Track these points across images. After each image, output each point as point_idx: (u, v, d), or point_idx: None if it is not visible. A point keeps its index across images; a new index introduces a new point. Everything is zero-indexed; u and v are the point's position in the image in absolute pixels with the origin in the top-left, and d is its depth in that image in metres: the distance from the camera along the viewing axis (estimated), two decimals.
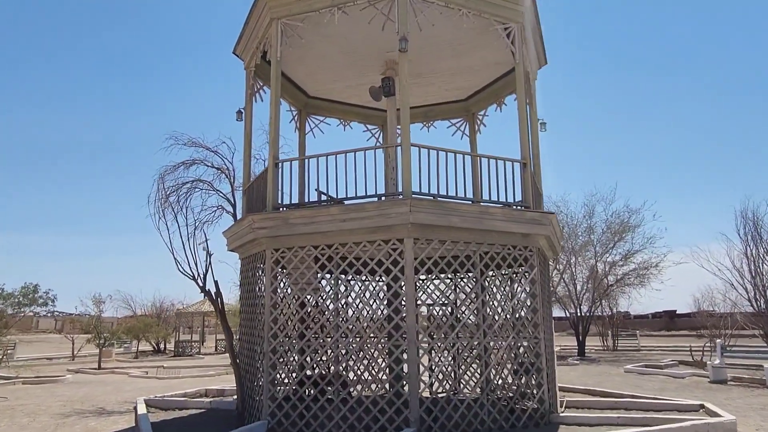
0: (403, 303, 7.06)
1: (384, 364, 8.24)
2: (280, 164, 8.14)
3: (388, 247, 7.24)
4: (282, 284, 7.80)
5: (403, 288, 7.07)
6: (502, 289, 8.27)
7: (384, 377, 8.40)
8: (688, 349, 20.52)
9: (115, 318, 37.27)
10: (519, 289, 8.14)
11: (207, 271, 8.38)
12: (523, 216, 7.79)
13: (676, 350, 24.99)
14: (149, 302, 35.12)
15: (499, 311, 7.95)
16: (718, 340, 15.08)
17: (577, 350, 22.38)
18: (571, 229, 22.08)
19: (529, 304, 7.92)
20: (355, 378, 9.14)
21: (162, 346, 30.14)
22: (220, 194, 9.85)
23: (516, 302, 8.00)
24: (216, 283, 8.48)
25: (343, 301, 7.51)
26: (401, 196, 7.16)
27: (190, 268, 8.30)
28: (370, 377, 8.77)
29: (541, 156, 9.96)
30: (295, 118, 12.09)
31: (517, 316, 7.90)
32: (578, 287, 22.85)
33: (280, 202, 8.25)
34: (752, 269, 17.10)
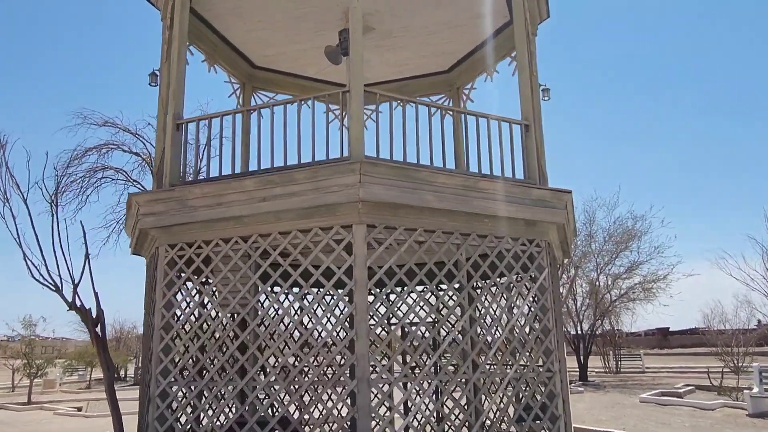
0: (349, 323, 4.65)
1: (327, 410, 5.74)
2: (183, 126, 5.73)
3: (329, 237, 4.84)
4: (181, 295, 5.33)
5: (353, 300, 4.66)
6: (499, 300, 5.85)
7: None
8: (705, 371, 18.18)
9: (71, 341, 34.27)
10: (522, 300, 5.71)
11: (81, 279, 5.92)
12: (528, 194, 5.42)
13: (685, 372, 22.63)
14: (108, 324, 32.22)
15: (495, 332, 5.54)
16: (756, 364, 12.71)
17: (578, 374, 19.97)
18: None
19: (537, 321, 5.52)
20: None
21: (122, 373, 27.35)
22: (140, 186, 7.51)
23: (520, 319, 5.57)
24: (96, 295, 6.01)
25: (260, 321, 5.04)
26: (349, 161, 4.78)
27: (58, 273, 5.84)
28: None
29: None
30: (237, 92, 9.70)
31: (521, 338, 5.48)
32: (578, 303, 20.53)
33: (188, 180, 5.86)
34: None
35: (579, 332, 20.65)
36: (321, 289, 5.01)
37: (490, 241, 5.32)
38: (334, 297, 4.72)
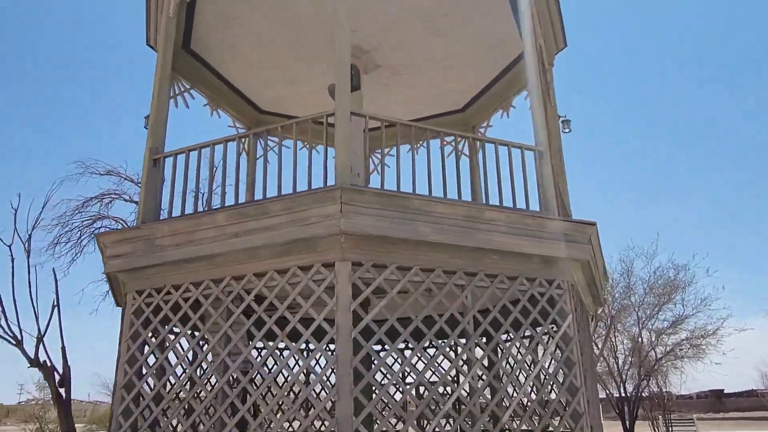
0: (330, 380, 3.88)
1: None
2: (161, 160, 5.23)
3: (309, 277, 4.15)
4: (148, 348, 4.65)
5: (334, 353, 3.91)
6: (515, 353, 4.98)
7: None
8: None
9: (92, 403, 33.60)
10: (543, 353, 4.83)
11: (46, 332, 5.33)
12: (544, 226, 4.67)
13: None
14: (98, 384, 31.48)
15: (510, 393, 4.66)
16: None
17: None
18: (607, 291, 18.50)
19: (561, 378, 4.62)
20: None
21: None
22: None
23: (540, 376, 4.68)
24: (63, 351, 5.38)
25: (229, 379, 4.29)
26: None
27: (18, 325, 5.26)
28: None
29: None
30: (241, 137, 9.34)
31: (542, 399, 4.57)
32: (620, 361, 18.97)
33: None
34: None
35: (623, 394, 18.98)
36: (304, 340, 4.28)
37: (500, 282, 4.54)
38: (313, 349, 3.98)
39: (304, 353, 6.19)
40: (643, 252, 18.96)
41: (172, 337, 4.64)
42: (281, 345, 5.53)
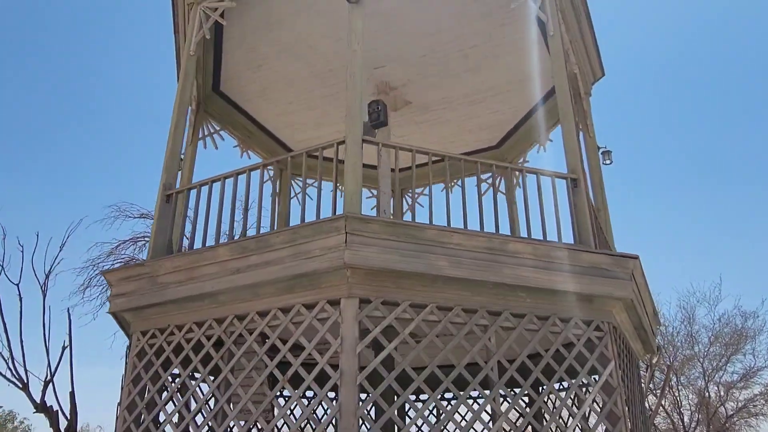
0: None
1: None
2: (174, 197, 5.07)
3: (313, 316, 3.79)
4: (148, 393, 4.34)
5: (337, 401, 3.49)
6: (551, 406, 4.40)
7: None
8: None
9: None
10: (581, 405, 4.23)
11: (54, 375, 5.13)
12: (578, 259, 4.16)
13: None
14: None
15: None
16: None
17: None
18: (667, 340, 17.15)
19: None
20: None
21: None
22: None
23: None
24: (71, 396, 5.15)
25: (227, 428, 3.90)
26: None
27: (24, 367, 5.09)
28: None
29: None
30: (273, 178, 9.26)
31: None
32: (685, 418, 17.34)
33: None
34: None
35: None
36: (305, 386, 3.88)
37: (530, 322, 4.04)
38: (317, 395, 3.57)
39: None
40: (705, 297, 17.56)
41: (180, 381, 4.33)
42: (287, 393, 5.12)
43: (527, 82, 7.36)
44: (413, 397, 5.66)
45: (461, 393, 3.69)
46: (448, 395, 5.65)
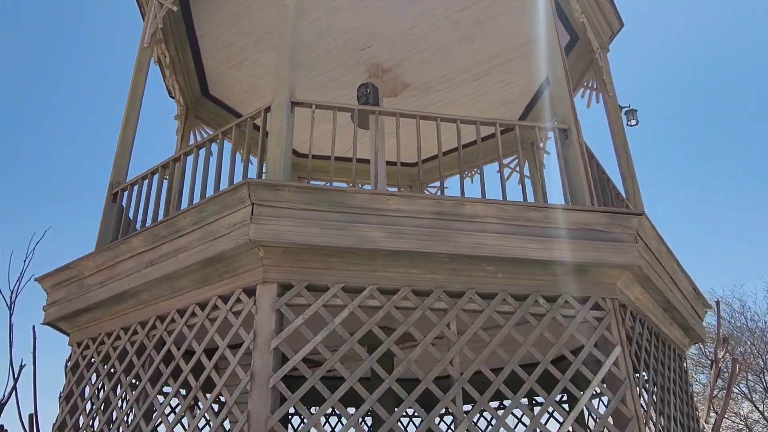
0: None
1: None
2: (119, 195, 4.59)
3: (228, 309, 3.14)
4: (78, 410, 3.83)
5: (246, 410, 2.79)
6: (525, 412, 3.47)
7: None
8: None
9: None
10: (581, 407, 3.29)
11: (9, 397, 4.76)
12: (561, 220, 3.29)
13: None
14: None
15: None
16: None
17: None
18: (756, 337, 15.09)
19: None
20: None
21: None
22: None
23: None
24: (32, 418, 4.75)
25: None
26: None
27: None
28: None
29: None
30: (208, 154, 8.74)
31: None
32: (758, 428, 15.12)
33: None
34: None
35: None
36: (218, 392, 3.21)
37: (502, 303, 3.20)
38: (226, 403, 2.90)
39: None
40: None
41: (104, 395, 3.80)
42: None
43: (532, 45, 6.50)
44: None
45: (408, 395, 2.90)
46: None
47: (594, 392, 3.16)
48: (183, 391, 3.46)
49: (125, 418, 3.42)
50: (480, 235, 3.17)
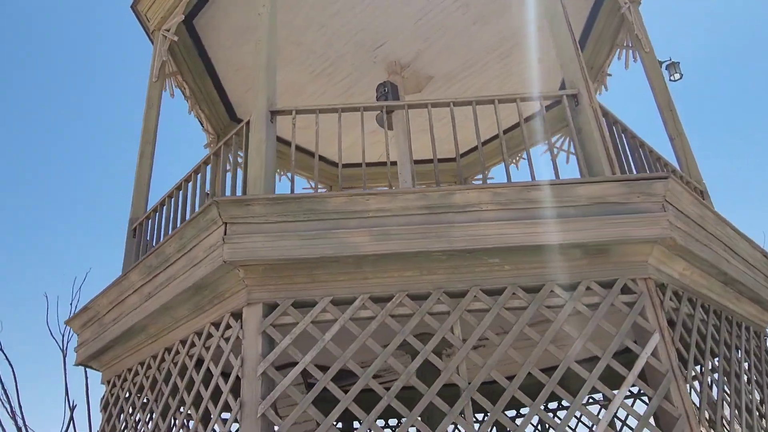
0: None
1: None
2: (137, 229, 4.63)
3: (220, 336, 3.00)
4: None
5: None
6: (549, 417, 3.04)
7: None
8: None
9: None
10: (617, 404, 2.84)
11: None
12: (569, 196, 2.88)
13: None
14: None
15: None
16: None
17: None
18: None
19: None
20: None
21: None
22: None
23: None
24: None
25: None
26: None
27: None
28: None
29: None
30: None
31: None
32: None
33: None
34: None
35: None
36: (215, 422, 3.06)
37: (512, 298, 2.83)
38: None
39: None
40: None
41: None
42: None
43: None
44: (340, 426, 4.49)
45: (410, 411, 2.61)
46: (392, 421, 4.41)
47: (629, 391, 2.71)
48: (192, 423, 3.35)
49: None
50: (477, 226, 2.83)
